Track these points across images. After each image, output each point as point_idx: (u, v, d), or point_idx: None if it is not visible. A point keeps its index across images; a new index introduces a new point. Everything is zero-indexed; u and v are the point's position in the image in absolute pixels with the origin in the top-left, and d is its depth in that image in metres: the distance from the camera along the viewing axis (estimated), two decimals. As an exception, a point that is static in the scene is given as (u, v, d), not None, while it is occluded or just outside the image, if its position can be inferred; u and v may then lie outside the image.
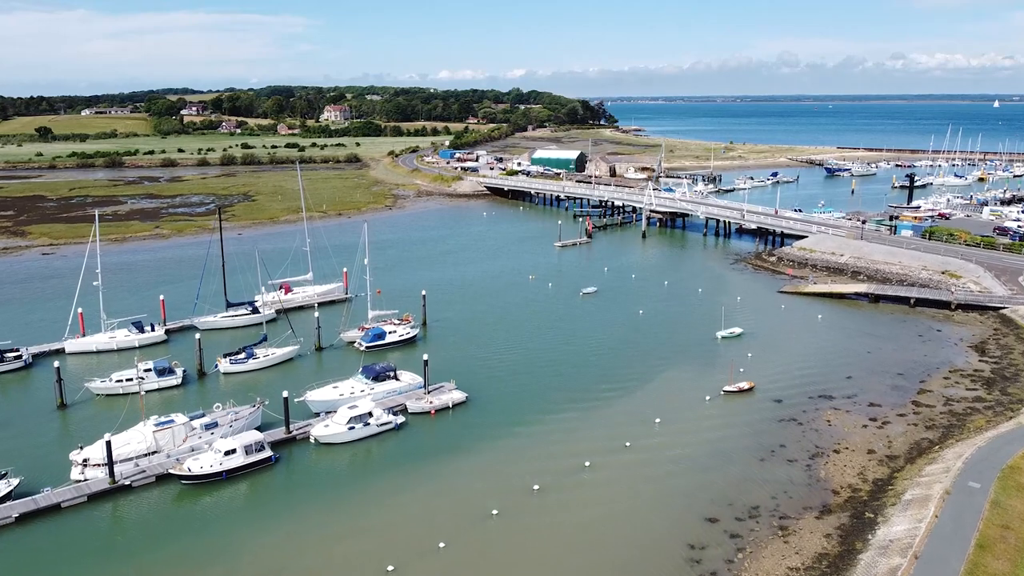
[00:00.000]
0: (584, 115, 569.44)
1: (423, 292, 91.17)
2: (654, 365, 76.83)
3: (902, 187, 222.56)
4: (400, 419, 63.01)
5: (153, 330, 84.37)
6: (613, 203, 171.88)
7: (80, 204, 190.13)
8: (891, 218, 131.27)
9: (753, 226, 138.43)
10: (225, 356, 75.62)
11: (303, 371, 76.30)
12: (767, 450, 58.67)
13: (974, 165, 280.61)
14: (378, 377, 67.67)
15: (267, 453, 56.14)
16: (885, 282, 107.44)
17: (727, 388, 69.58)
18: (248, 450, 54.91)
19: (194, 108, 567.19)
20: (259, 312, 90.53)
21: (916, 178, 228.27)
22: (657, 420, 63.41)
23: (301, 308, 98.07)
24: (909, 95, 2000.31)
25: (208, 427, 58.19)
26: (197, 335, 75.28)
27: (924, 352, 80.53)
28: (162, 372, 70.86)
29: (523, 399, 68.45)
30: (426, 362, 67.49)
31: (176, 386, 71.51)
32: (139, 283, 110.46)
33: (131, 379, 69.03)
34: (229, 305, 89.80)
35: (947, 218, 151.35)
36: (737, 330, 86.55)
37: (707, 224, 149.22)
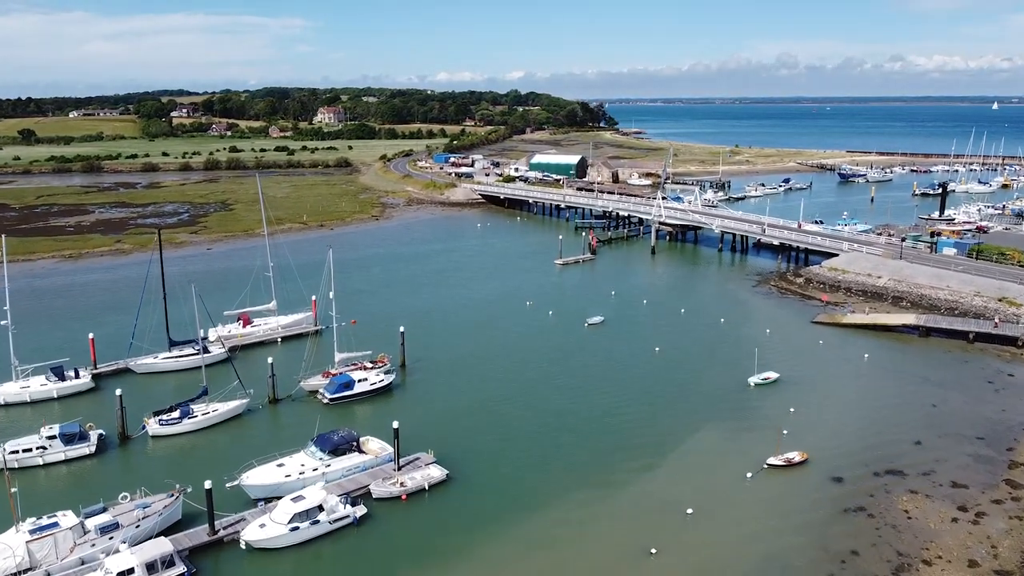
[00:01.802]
0: (584, 117, 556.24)
1: (401, 329, 77.24)
2: (679, 425, 63.22)
3: (923, 194, 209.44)
4: (360, 510, 49.30)
5: (77, 377, 70.63)
6: (618, 214, 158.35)
7: (44, 214, 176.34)
8: (932, 234, 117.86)
9: (775, 242, 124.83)
10: (154, 415, 61.97)
11: (251, 433, 62.68)
12: (835, 559, 45.09)
13: (994, 170, 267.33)
14: (336, 450, 54.02)
15: (179, 569, 42.49)
16: (932, 310, 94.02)
17: (772, 461, 56.03)
18: (152, 568, 41.28)
19: (185, 110, 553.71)
20: (209, 351, 76.79)
21: (938, 185, 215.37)
22: (689, 511, 49.79)
23: (262, 343, 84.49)
24: (908, 97, 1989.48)
25: (105, 529, 44.52)
26: (118, 391, 61.34)
27: (1001, 405, 66.99)
28: (71, 439, 57.17)
29: (518, 477, 54.86)
30: (396, 431, 53.75)
31: (88, 456, 57.81)
32: (75, 312, 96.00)
33: (30, 449, 55.52)
34: (172, 344, 76.09)
35: (985, 231, 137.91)
36: (772, 375, 72.98)
37: (722, 238, 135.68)
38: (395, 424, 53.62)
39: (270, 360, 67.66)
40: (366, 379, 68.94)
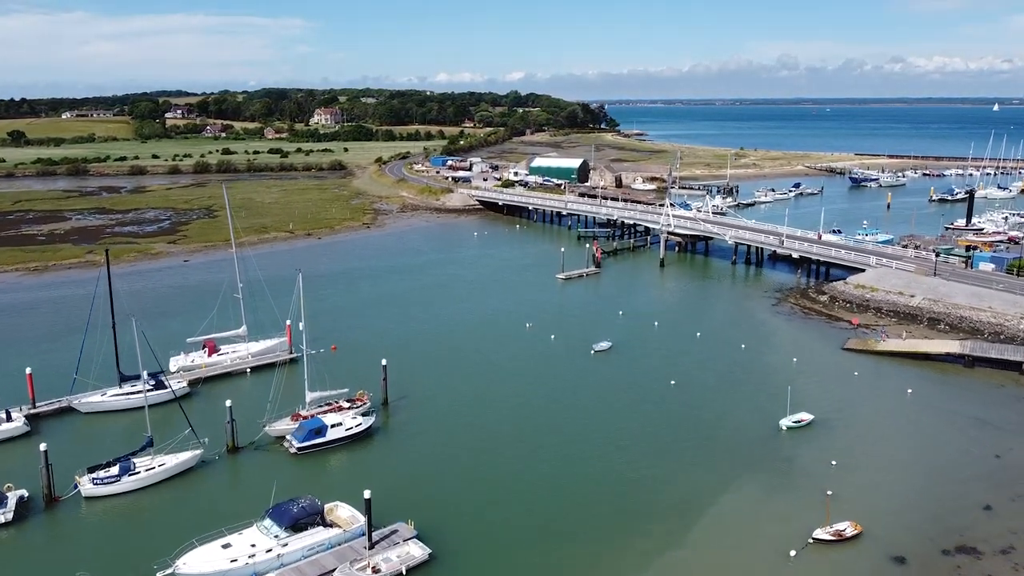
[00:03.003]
0: (584, 118, 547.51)
1: (384, 362, 67.97)
2: (703, 483, 54.09)
3: (940, 200, 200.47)
4: (321, 606, 40.25)
5: (9, 419, 61.46)
6: (623, 222, 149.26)
7: (18, 220, 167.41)
8: (968, 247, 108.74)
9: (794, 255, 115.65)
10: (88, 472, 52.81)
11: (203, 492, 53.55)
12: None
13: (1009, 174, 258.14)
14: (296, 524, 44.91)
15: None
16: (975, 335, 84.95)
17: (820, 534, 46.88)
18: None
19: (179, 111, 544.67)
20: (166, 386, 67.65)
21: (956, 191, 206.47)
22: (724, 606, 40.74)
23: (229, 375, 75.34)
24: (908, 98, 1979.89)
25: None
26: (43, 446, 52.04)
27: (1075, 456, 57.91)
28: (-17, 505, 48.08)
29: (512, 556, 45.72)
30: (368, 503, 44.55)
31: (3, 525, 48.65)
32: (17, 339, 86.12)
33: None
34: (123, 378, 66.90)
35: (1017, 242, 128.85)
36: (806, 416, 63.87)
37: (736, 250, 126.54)
38: (367, 493, 44.42)
39: (228, 404, 58.34)
40: (340, 423, 59.75)
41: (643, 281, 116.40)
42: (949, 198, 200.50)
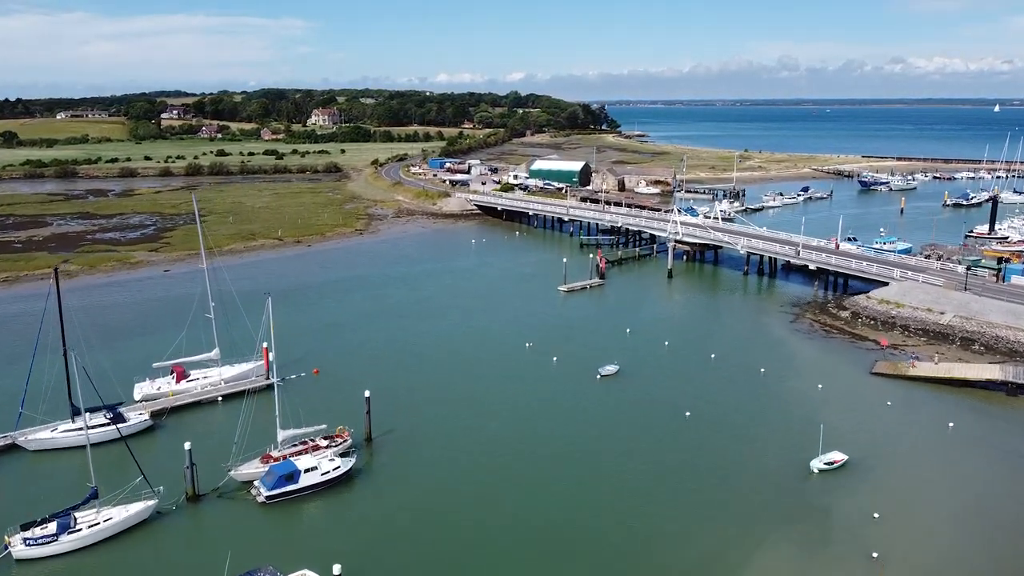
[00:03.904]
0: (585, 119, 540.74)
1: (367, 394, 61.02)
2: (727, 541, 47.21)
3: (955, 205, 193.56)
4: None
5: (-57, 461, 54.75)
6: (628, 229, 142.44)
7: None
8: (1000, 259, 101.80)
9: (811, 266, 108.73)
10: (21, 530, 45.98)
11: (156, 552, 46.67)
12: None
13: (1021, 177, 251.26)
14: (253, 604, 38.11)
15: None
16: (1014, 357, 78.14)
17: (870, 613, 40.08)
18: None
19: (175, 112, 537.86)
20: (125, 419, 60.86)
21: (971, 195, 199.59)
22: None
23: (199, 404, 68.47)
24: (908, 99, 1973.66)
25: None
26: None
27: None
28: None
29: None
30: (339, 579, 37.71)
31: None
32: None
33: None
34: (76, 412, 60.01)
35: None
36: (839, 457, 56.99)
37: (748, 260, 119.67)
38: (336, 569, 37.52)
39: (187, 446, 51.42)
40: (315, 468, 52.86)
41: (651, 294, 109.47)
42: (964, 203, 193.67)
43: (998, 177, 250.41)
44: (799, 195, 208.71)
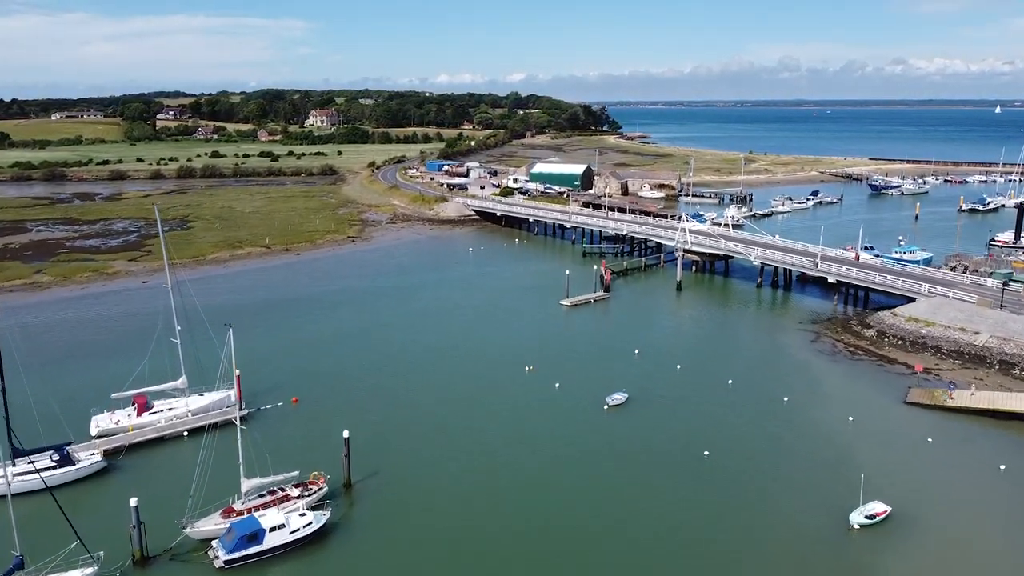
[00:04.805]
0: (586, 120, 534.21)
1: (345, 434, 54.05)
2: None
3: (971, 210, 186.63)
4: None
5: None
6: (633, 237, 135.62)
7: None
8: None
9: (831, 279, 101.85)
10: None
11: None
12: None
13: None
14: None
15: None
16: (1060, 383, 71.29)
17: None
18: None
19: (171, 112, 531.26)
20: (73, 462, 54.06)
21: (988, 200, 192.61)
22: None
23: (162, 440, 61.61)
24: (909, 100, 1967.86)
25: None
26: None
27: None
28: None
29: None
30: None
31: None
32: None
33: None
34: (17, 453, 53.14)
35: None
36: (882, 509, 50.08)
37: (762, 271, 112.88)
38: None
39: (133, 503, 44.53)
40: (283, 525, 45.97)
41: (659, 309, 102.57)
42: (981, 208, 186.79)
43: (1010, 180, 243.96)
44: (809, 199, 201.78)
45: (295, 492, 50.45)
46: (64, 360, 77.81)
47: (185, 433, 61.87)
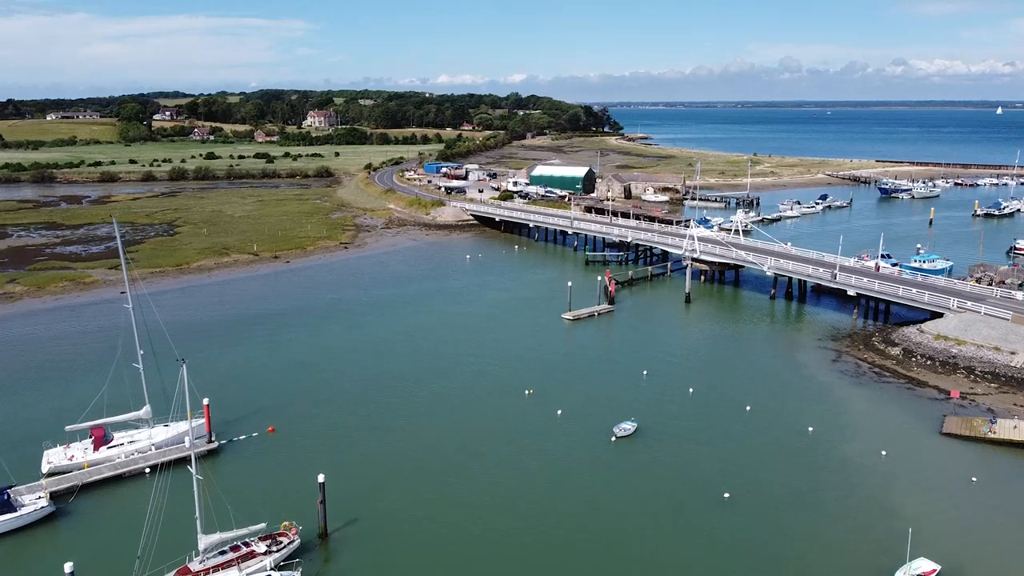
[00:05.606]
0: (587, 121, 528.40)
1: (320, 479, 47.86)
2: None
3: (986, 215, 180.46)
4: None
5: None
6: (638, 245, 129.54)
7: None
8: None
9: (850, 291, 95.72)
10: None
11: None
12: None
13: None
14: None
15: None
16: (1108, 411, 65.15)
17: None
18: None
19: (168, 113, 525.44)
20: (14, 508, 48.00)
21: (1003, 204, 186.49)
22: None
23: (120, 478, 55.45)
24: (910, 101, 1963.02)
25: None
26: None
27: None
28: None
29: None
30: None
31: None
32: None
33: None
34: (-49, 500, 47.15)
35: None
36: (929, 567, 43.97)
37: (775, 282, 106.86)
38: None
39: (68, 569, 38.41)
40: (244, 591, 39.94)
41: (668, 324, 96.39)
42: (996, 213, 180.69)
43: (1022, 184, 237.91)
44: (818, 203, 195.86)
45: (262, 547, 44.30)
46: (19, 383, 71.73)
47: (147, 470, 55.69)
